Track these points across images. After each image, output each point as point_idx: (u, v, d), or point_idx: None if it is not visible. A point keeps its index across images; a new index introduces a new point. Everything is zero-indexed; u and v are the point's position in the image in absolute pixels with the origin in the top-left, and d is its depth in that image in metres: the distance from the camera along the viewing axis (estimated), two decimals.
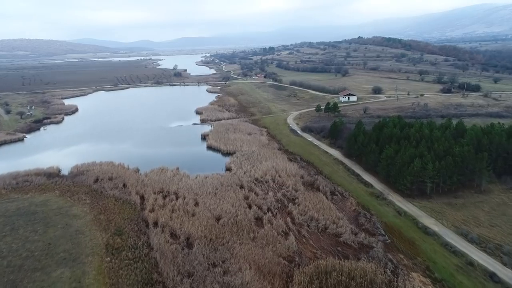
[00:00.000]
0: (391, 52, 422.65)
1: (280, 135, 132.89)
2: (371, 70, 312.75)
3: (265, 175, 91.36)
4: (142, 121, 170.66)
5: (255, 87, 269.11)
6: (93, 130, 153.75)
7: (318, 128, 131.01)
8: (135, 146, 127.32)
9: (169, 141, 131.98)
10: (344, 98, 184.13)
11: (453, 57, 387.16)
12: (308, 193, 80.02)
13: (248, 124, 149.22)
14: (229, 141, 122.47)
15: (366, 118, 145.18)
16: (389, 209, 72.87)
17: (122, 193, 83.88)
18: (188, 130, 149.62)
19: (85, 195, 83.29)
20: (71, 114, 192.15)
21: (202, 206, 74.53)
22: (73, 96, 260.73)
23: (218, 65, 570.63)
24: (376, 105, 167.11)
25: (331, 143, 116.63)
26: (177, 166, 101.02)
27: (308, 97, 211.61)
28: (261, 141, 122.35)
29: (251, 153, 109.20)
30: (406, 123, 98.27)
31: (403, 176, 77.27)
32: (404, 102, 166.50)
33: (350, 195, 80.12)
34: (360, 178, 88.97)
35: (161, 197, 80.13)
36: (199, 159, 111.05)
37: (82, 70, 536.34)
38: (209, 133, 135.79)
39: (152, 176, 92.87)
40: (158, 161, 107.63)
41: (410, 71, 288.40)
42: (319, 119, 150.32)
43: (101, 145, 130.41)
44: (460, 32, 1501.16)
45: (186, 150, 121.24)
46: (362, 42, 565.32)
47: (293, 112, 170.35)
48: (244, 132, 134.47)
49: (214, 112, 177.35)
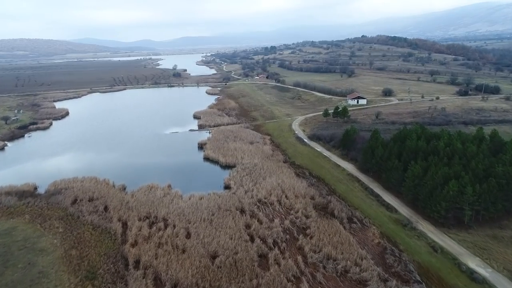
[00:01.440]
0: (397, 51, 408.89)
1: (285, 144, 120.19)
2: (378, 70, 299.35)
3: (270, 195, 78.77)
4: (135, 126, 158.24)
5: (256, 88, 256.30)
6: (81, 137, 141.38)
7: (327, 136, 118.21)
8: (125, 156, 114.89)
9: (162, 151, 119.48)
10: (353, 101, 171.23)
11: (462, 56, 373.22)
12: (322, 220, 67.31)
13: (249, 131, 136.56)
14: (228, 152, 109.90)
15: (379, 124, 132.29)
16: (421, 243, 60.08)
17: (102, 218, 71.44)
18: (184, 137, 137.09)
19: (58, 221, 70.87)
20: (61, 119, 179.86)
21: (194, 239, 61.97)
22: (66, 98, 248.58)
23: (218, 65, 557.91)
24: (388, 109, 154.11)
25: (343, 155, 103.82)
26: (169, 182, 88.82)
27: (314, 99, 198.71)
28: (264, 152, 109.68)
29: (253, 166, 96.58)
30: (431, 134, 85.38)
31: (435, 201, 64.46)
32: (419, 106, 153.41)
33: (371, 222, 67.40)
34: (381, 199, 76.15)
35: (147, 225, 67.60)
36: (194, 174, 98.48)
37: (80, 70, 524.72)
38: (206, 141, 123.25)
39: (139, 196, 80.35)
40: (149, 176, 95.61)
41: (420, 71, 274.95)
42: (328, 125, 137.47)
43: (87, 155, 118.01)
44: (463, 31, 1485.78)
45: (181, 162, 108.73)
46: (366, 41, 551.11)
47: (298, 117, 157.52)
48: (245, 141, 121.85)
49: (213, 116, 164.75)
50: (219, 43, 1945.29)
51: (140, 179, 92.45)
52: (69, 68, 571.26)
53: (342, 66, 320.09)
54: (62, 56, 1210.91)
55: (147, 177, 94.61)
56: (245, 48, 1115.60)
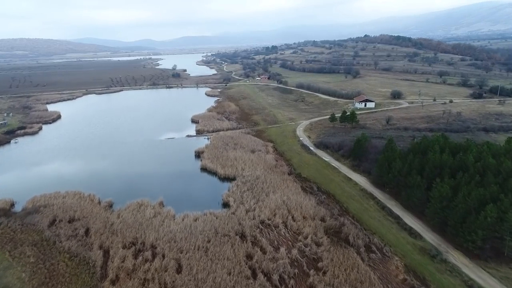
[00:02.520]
0: (402, 51, 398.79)
1: (290, 152, 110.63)
2: (383, 70, 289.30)
3: (274, 216, 69.29)
4: (129, 131, 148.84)
5: (258, 90, 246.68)
6: (71, 143, 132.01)
7: (335, 144, 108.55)
8: (115, 166, 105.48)
9: (156, 160, 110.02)
10: (360, 105, 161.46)
11: (469, 56, 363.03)
12: (335, 249, 57.82)
13: (250, 137, 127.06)
14: (227, 162, 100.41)
15: (391, 130, 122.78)
16: (455, 280, 50.56)
17: (81, 245, 62.06)
18: (181, 144, 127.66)
19: (31, 248, 61.47)
20: (51, 123, 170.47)
21: (186, 274, 52.50)
22: (60, 100, 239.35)
23: (219, 65, 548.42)
24: (399, 113, 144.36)
25: (353, 166, 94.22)
26: (161, 198, 79.52)
27: (318, 102, 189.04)
28: (267, 162, 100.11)
29: (255, 179, 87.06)
30: (456, 145, 75.71)
31: (469, 228, 54.88)
32: (431, 110, 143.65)
33: (392, 251, 57.87)
34: (401, 222, 66.52)
35: (132, 255, 58.15)
36: (190, 187, 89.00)
37: (78, 70, 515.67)
38: (204, 149, 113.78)
39: (127, 216, 70.92)
40: (139, 189, 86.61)
41: (427, 72, 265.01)
42: (335, 131, 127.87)
43: (75, 164, 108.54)
44: (465, 30, 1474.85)
45: (176, 172, 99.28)
46: (369, 41, 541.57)
47: (303, 121, 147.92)
48: (246, 149, 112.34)
49: (212, 121, 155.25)
50: (220, 43, 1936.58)
51: (130, 194, 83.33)
52: (67, 68, 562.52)
53: (346, 67, 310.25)
54: (61, 56, 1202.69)
55: (138, 191, 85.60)
56: (246, 47, 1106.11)
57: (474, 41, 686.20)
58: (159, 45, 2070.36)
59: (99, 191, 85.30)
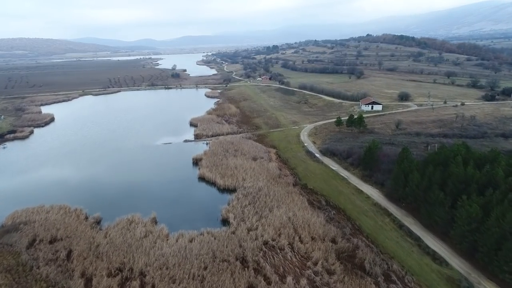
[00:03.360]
0: (406, 51, 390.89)
1: (294, 160, 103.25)
2: (388, 71, 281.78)
3: (279, 236, 61.99)
4: (124, 135, 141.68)
5: (259, 91, 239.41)
6: (62, 149, 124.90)
7: (342, 151, 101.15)
8: (107, 175, 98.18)
9: (151, 168, 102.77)
10: (367, 107, 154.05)
11: (475, 56, 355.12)
12: (350, 278, 50.51)
13: (252, 143, 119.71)
14: (227, 171, 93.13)
15: (401, 135, 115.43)
16: None
17: (61, 271, 54.83)
18: (178, 150, 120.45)
19: (4, 276, 54.22)
20: (44, 126, 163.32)
21: None
22: (55, 101, 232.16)
23: (219, 65, 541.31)
24: (408, 116, 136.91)
25: (364, 176, 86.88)
26: (154, 213, 72.30)
27: (322, 104, 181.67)
28: (270, 171, 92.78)
29: (257, 191, 79.76)
30: (481, 156, 68.20)
31: (506, 257, 47.51)
32: (442, 113, 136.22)
33: (415, 281, 50.54)
34: (423, 244, 59.14)
35: (118, 285, 50.93)
36: (186, 200, 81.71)
37: (76, 70, 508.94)
38: (202, 156, 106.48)
39: (115, 236, 63.66)
40: (131, 202, 79.61)
41: (434, 72, 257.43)
42: (341, 136, 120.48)
43: (63, 172, 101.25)
44: (467, 30, 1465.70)
45: (171, 182, 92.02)
46: (371, 40, 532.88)
47: (307, 125, 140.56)
48: (247, 156, 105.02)
49: (211, 124, 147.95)
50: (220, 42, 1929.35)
51: (121, 207, 76.40)
52: (66, 68, 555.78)
53: (349, 67, 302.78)
54: (61, 55, 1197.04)
55: (130, 203, 78.60)
56: (246, 47, 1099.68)
57: (477, 41, 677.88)
58: (159, 45, 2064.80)
59: (87, 203, 78.21)
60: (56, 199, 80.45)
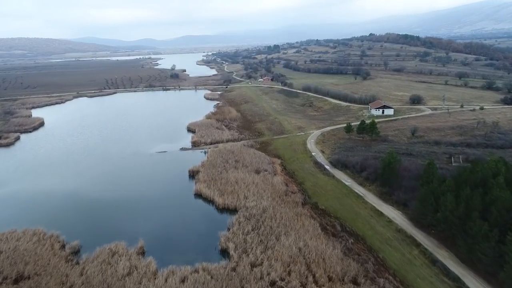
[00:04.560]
0: (412, 51, 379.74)
1: (301, 172, 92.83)
2: (395, 71, 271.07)
3: (288, 274, 51.65)
4: (116, 143, 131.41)
5: (261, 92, 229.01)
6: (46, 159, 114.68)
7: (355, 163, 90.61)
8: (91, 191, 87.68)
9: (142, 182, 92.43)
10: (377, 112, 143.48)
11: (483, 55, 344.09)
12: None
13: (254, 152, 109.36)
14: (227, 186, 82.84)
15: (419, 144, 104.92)
16: None
17: None
18: (173, 160, 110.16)
19: None
20: (32, 131, 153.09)
21: None
22: (47, 104, 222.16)
23: (219, 65, 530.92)
24: (423, 122, 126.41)
25: (382, 193, 76.47)
26: (141, 242, 62.03)
27: (328, 107, 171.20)
28: (275, 186, 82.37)
29: (261, 213, 69.46)
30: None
31: None
32: (460, 118, 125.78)
33: None
34: (463, 286, 48.63)
35: None
36: (179, 223, 71.36)
37: (73, 70, 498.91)
38: (200, 168, 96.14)
39: (92, 273, 53.34)
40: (116, 226, 69.70)
41: (443, 72, 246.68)
42: (352, 144, 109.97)
43: (43, 188, 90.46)
44: (469, 29, 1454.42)
45: (164, 200, 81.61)
46: (375, 40, 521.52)
47: (313, 131, 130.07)
48: (249, 168, 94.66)
49: (210, 130, 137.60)
50: (221, 42, 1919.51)
51: (104, 232, 66.56)
52: (63, 68, 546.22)
53: (354, 67, 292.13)
54: (61, 55, 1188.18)
55: (115, 227, 68.74)
56: (247, 47, 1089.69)
57: (481, 40, 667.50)
58: (160, 44, 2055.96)
59: (67, 227, 68.18)
60: (32, 221, 70.37)
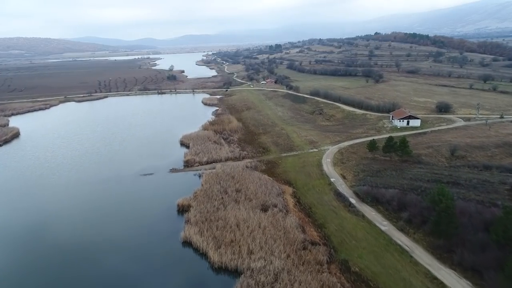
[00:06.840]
0: (422, 50, 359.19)
1: (321, 208, 72.69)
2: (409, 73, 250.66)
3: None
4: (96, 160, 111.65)
5: (264, 97, 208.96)
6: (7, 183, 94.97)
7: (390, 197, 70.34)
8: (50, 235, 67.76)
9: (117, 221, 72.55)
10: (401, 123, 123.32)
11: (499, 55, 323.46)
12: None
13: (259, 176, 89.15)
14: (226, 231, 62.86)
15: (463, 168, 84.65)
16: None
17: None
18: (160, 186, 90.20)
19: None
20: (2, 145, 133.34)
21: None
22: (30, 110, 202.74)
23: (220, 65, 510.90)
24: (459, 136, 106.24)
25: (436, 247, 56.35)
26: None
27: (341, 116, 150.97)
28: (289, 233, 62.18)
29: (273, 280, 49.57)
30: None
31: None
32: (504, 133, 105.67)
33: None
34: None
35: None
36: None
37: (68, 71, 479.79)
38: (191, 201, 76.22)
39: None
40: None
41: (463, 75, 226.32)
42: (379, 166, 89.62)
43: None
44: (472, 28, 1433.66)
45: (141, 249, 61.62)
46: (381, 39, 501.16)
47: (328, 147, 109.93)
48: (254, 201, 74.62)
49: (206, 144, 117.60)
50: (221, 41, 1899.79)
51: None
52: (58, 69, 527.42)
53: (363, 68, 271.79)
54: (58, 55, 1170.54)
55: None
56: (248, 46, 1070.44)
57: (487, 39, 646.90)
58: (160, 44, 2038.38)
59: None
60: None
